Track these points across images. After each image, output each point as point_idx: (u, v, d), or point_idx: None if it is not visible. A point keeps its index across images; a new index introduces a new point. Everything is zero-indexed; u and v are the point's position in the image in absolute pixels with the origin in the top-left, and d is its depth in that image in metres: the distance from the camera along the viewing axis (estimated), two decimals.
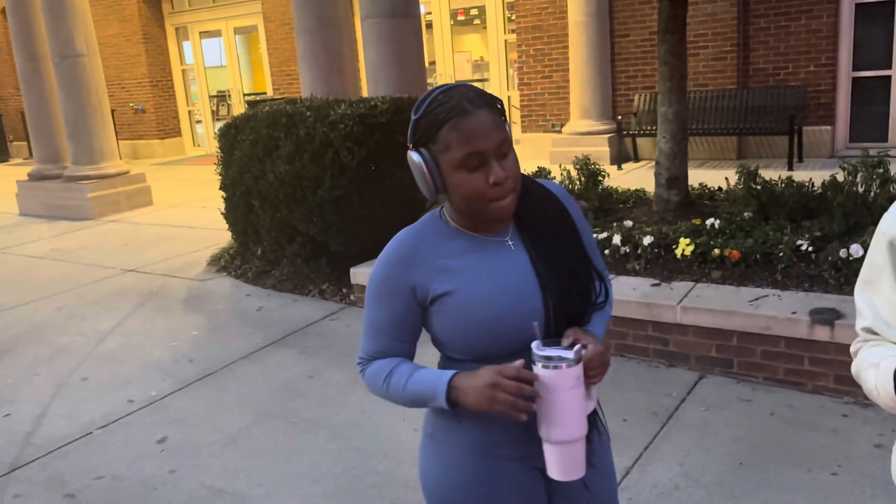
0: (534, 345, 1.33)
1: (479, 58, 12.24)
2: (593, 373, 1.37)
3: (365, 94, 6.87)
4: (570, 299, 1.44)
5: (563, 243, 1.47)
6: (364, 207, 5.20)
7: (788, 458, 3.01)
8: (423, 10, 11.86)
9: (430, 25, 11.88)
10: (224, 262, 6.35)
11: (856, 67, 8.19)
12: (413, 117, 1.37)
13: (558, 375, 1.31)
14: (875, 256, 1.26)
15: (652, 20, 8.35)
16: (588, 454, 1.47)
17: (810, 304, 3.62)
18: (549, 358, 1.31)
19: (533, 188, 1.50)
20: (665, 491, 2.86)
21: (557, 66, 9.86)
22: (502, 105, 1.39)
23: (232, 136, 5.95)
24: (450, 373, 1.38)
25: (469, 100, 1.33)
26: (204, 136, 15.13)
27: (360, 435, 3.48)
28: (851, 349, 1.35)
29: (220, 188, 6.23)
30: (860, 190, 4.43)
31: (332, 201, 5.15)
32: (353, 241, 5.28)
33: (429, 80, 11.93)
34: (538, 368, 1.32)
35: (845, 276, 3.80)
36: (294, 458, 3.33)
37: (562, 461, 1.37)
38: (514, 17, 10.30)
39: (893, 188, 4.41)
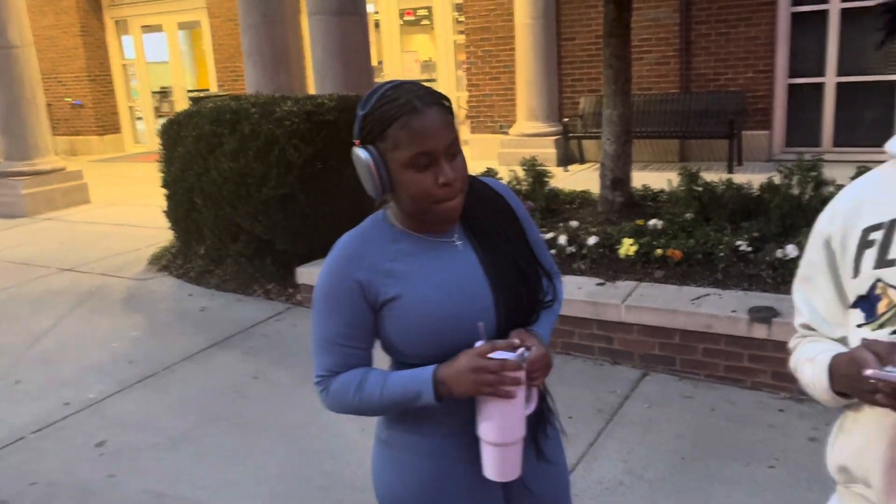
0: (477, 346, 1.33)
1: (427, 58, 12.25)
2: (536, 374, 1.36)
3: (312, 91, 6.80)
4: (520, 298, 1.42)
5: (510, 242, 1.46)
6: (311, 205, 5.14)
7: (728, 452, 3.09)
8: (371, 8, 11.82)
9: (378, 25, 11.83)
10: (166, 262, 6.19)
11: (791, 74, 8.47)
12: (360, 113, 1.33)
13: None
14: (812, 255, 1.29)
15: (597, 24, 8.48)
16: (544, 449, 1.49)
17: (749, 303, 3.72)
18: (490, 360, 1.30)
19: (478, 188, 1.49)
20: (610, 487, 2.90)
21: (505, 67, 9.94)
22: (451, 104, 1.37)
23: (174, 132, 5.81)
24: (430, 368, 1.34)
25: (419, 97, 1.30)
26: (145, 133, 14.74)
27: (307, 436, 3.44)
28: (790, 345, 1.39)
29: (162, 185, 6.08)
30: (796, 192, 4.58)
31: (277, 199, 5.08)
32: (299, 239, 5.22)
33: (376, 80, 11.88)
34: None
35: (782, 276, 3.93)
36: (239, 460, 3.27)
37: (499, 462, 1.36)
38: (462, 19, 10.34)
39: (827, 191, 4.57)
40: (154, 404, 3.84)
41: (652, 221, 4.76)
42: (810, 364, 1.24)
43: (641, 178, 6.70)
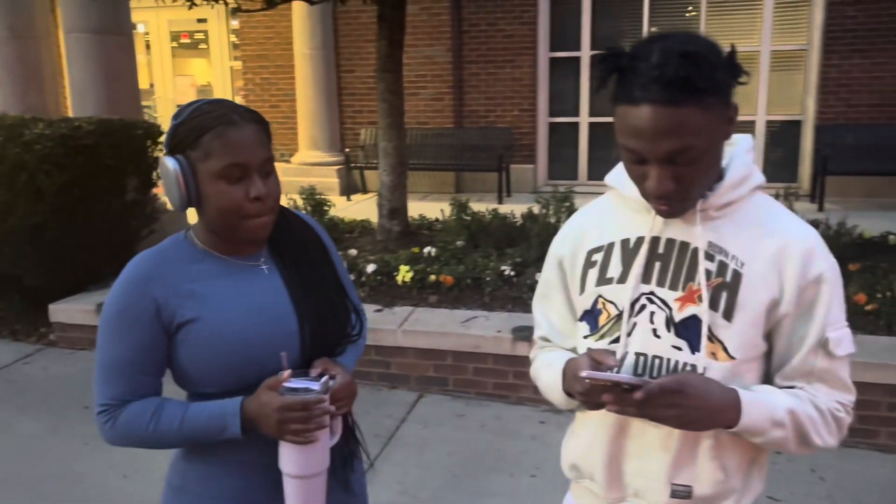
0: (278, 376, 1.29)
1: (206, 83, 11.81)
2: (340, 403, 1.34)
3: (70, 114, 6.29)
4: (326, 326, 1.40)
5: (319, 270, 1.44)
6: (66, 237, 4.72)
7: (495, 465, 3.27)
8: (141, 28, 11.20)
9: (149, 46, 11.23)
10: None
11: (552, 114, 9.27)
12: (173, 122, 1.30)
13: None
14: (547, 274, 1.41)
15: (375, 58, 8.73)
16: (348, 479, 1.47)
17: (513, 323, 4.00)
18: (294, 390, 1.27)
19: (288, 215, 1.46)
20: None
21: (285, 96, 9.86)
22: (268, 125, 1.35)
23: None
24: (236, 401, 1.29)
25: (238, 113, 1.29)
26: None
27: (60, 488, 3.13)
28: (530, 356, 1.53)
29: None
30: (552, 221, 5.00)
31: (26, 230, 4.61)
32: (52, 274, 4.76)
33: (146, 103, 11.24)
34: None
35: None
36: None
37: (303, 495, 1.33)
38: (239, 45, 10.13)
39: None
40: None
41: (427, 249, 4.95)
42: (548, 369, 1.37)
43: (419, 208, 6.96)
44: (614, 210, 1.32)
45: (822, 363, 1.19)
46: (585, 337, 1.30)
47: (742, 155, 1.24)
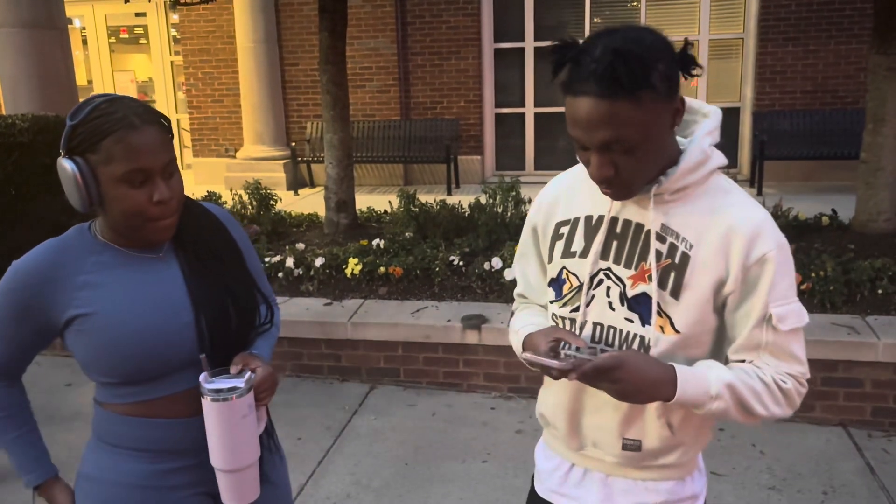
0: (201, 377, 1.31)
1: (147, 78, 11.54)
2: (263, 395, 1.37)
3: (2, 111, 6.09)
4: (227, 318, 1.41)
5: (221, 262, 1.45)
6: (1, 237, 4.59)
7: (447, 452, 3.31)
8: (77, 24, 10.88)
9: (85, 41, 10.92)
10: None
11: (498, 104, 9.33)
12: (69, 123, 1.27)
13: (230, 407, 1.30)
14: (525, 237, 1.52)
15: (319, 50, 8.66)
16: (266, 471, 1.49)
17: (462, 312, 4.03)
18: (218, 391, 1.29)
19: (192, 208, 1.47)
20: (337, 501, 2.96)
21: (228, 90, 9.71)
22: (170, 123, 1.35)
23: None
24: (45, 475, 1.46)
25: (137, 114, 1.26)
26: None
27: (3, 492, 3.05)
28: (512, 308, 1.63)
29: None
30: (499, 210, 5.05)
31: None
32: None
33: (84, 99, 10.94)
34: (208, 402, 1.30)
35: (489, 286, 4.31)
36: None
37: (238, 487, 1.36)
38: (180, 39, 9.93)
39: (525, 209, 5.11)
40: None
41: (375, 241, 4.95)
42: (515, 336, 1.49)
43: (368, 201, 6.94)
44: (583, 185, 1.39)
45: (769, 337, 1.25)
46: (551, 302, 1.40)
47: (700, 139, 1.29)
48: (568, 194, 1.42)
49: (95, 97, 1.29)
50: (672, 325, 1.27)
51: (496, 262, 4.36)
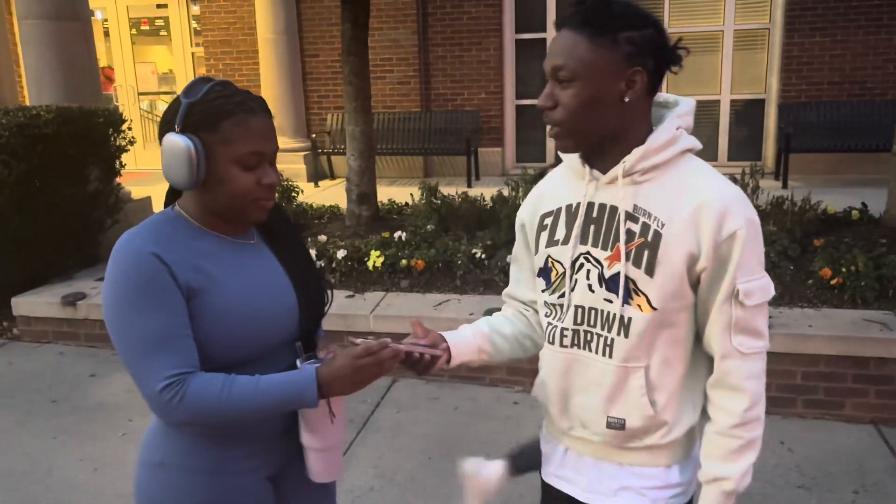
0: (298, 362, 1.38)
1: (168, 70, 11.58)
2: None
3: (27, 102, 6.13)
4: (316, 299, 1.49)
5: (300, 246, 1.54)
6: (26, 229, 4.61)
7: (470, 446, 3.28)
8: (99, 15, 10.93)
9: (107, 33, 10.97)
10: None
11: (518, 96, 9.26)
12: (185, 100, 1.30)
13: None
14: (517, 237, 1.57)
15: (340, 41, 8.64)
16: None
17: (485, 305, 4.00)
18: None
19: None
20: (361, 494, 2.95)
21: (249, 82, 9.71)
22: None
23: None
24: (310, 369, 1.29)
25: (253, 100, 1.32)
26: None
27: (28, 483, 3.08)
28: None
29: None
30: (522, 203, 5.00)
31: None
32: (13, 267, 4.65)
33: (108, 92, 11.00)
34: None
35: None
36: None
37: (325, 465, 1.45)
38: (201, 31, 9.95)
39: None
40: None
41: (397, 234, 4.93)
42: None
43: (388, 193, 6.92)
44: (564, 177, 1.44)
45: (738, 313, 1.28)
46: (543, 291, 1.44)
47: (670, 120, 1.33)
48: (551, 189, 1.46)
49: (203, 79, 1.33)
50: (649, 302, 1.29)
51: None
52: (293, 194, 5.77)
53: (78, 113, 4.92)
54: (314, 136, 9.36)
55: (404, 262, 4.50)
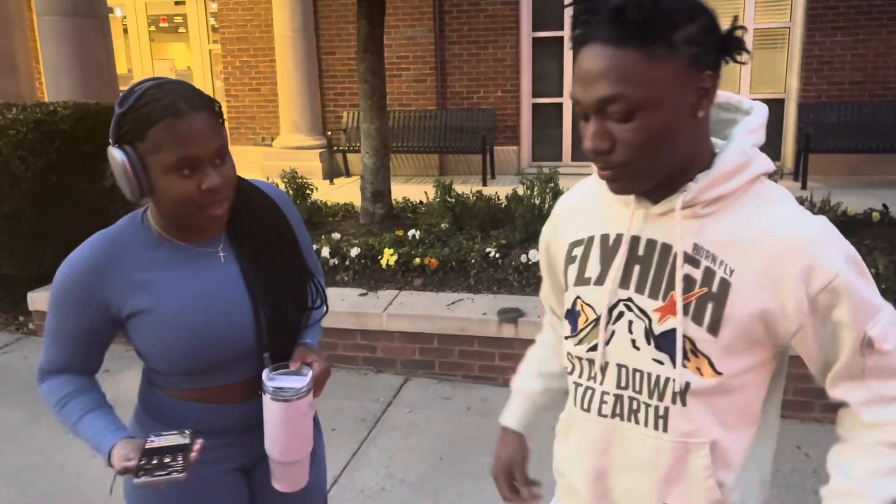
0: (264, 374, 1.33)
1: (186, 67, 11.64)
2: (316, 388, 1.40)
3: (45, 98, 6.17)
4: (285, 312, 1.40)
5: (279, 251, 1.42)
6: (43, 224, 4.64)
7: (482, 448, 3.26)
8: (118, 13, 11.00)
9: (126, 30, 11.04)
10: None
11: (535, 95, 9.22)
12: (118, 110, 1.24)
13: (292, 406, 1.32)
14: (541, 258, 1.36)
15: (356, 39, 8.65)
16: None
17: (498, 305, 3.97)
18: (281, 389, 1.31)
19: (248, 192, 1.43)
20: (372, 494, 2.93)
21: (265, 79, 9.74)
22: (220, 108, 1.30)
23: None
24: (116, 438, 1.28)
25: (186, 100, 1.22)
26: None
27: (41, 478, 3.09)
28: (537, 338, 1.53)
29: None
30: (537, 202, 4.97)
31: (1, 217, 4.53)
32: (29, 262, 4.68)
33: (124, 88, 11.07)
34: (270, 400, 1.32)
35: (526, 279, 4.24)
36: None
37: (291, 475, 1.41)
38: (218, 28, 9.98)
39: None
40: None
41: (411, 232, 4.91)
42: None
43: (403, 191, 6.91)
44: (598, 195, 1.18)
45: (872, 362, 1.03)
46: (566, 338, 1.19)
47: (741, 137, 1.07)
48: (581, 206, 1.20)
49: (144, 82, 1.25)
50: (711, 365, 1.04)
51: (533, 255, 4.29)
52: (307, 191, 5.77)
53: (95, 109, 4.94)
54: (330, 133, 9.37)
55: (418, 260, 4.48)
